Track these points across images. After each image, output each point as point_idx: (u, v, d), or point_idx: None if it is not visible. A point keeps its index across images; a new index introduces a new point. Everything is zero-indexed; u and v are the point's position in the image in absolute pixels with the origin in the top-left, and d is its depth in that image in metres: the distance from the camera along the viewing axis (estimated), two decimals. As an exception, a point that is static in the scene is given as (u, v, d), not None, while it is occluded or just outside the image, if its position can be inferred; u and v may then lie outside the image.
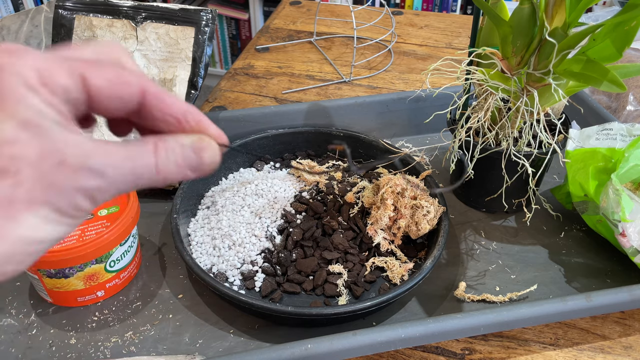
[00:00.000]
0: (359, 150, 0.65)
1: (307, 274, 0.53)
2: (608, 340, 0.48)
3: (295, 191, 0.60)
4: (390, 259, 0.53)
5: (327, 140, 0.66)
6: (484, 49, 0.50)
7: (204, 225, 0.57)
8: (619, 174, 0.49)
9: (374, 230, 0.53)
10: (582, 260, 0.54)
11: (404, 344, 0.43)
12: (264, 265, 0.53)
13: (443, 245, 0.51)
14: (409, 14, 1.10)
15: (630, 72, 0.46)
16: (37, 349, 0.46)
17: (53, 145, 0.22)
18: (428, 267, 0.48)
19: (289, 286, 0.52)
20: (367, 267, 0.53)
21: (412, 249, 0.54)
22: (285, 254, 0.53)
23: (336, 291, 0.51)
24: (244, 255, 0.53)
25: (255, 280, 0.52)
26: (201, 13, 0.63)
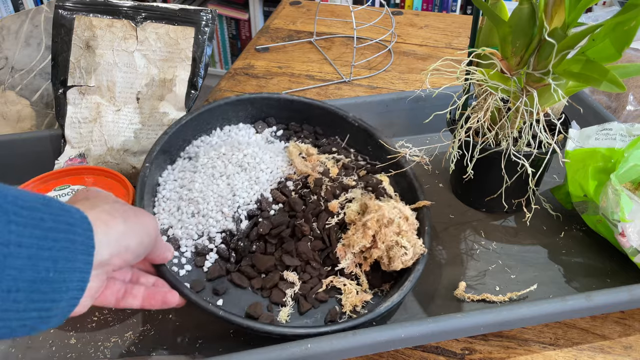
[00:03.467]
0: (367, 148, 0.61)
1: (260, 272, 0.50)
2: (608, 340, 0.48)
3: (282, 177, 0.56)
4: (350, 283, 0.50)
5: (339, 123, 0.61)
6: (484, 49, 0.50)
7: (177, 178, 0.53)
8: (619, 174, 0.49)
9: (344, 250, 0.50)
10: (582, 260, 0.54)
11: (404, 344, 0.43)
12: (220, 247, 0.50)
13: (408, 290, 0.47)
14: (408, 14, 1.10)
15: (629, 72, 0.47)
16: (37, 349, 0.46)
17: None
18: (380, 311, 0.45)
19: (238, 278, 0.49)
20: (324, 284, 0.49)
21: (378, 278, 0.51)
22: (245, 243, 0.50)
23: (282, 300, 0.48)
24: (204, 229, 0.50)
25: (206, 259, 0.49)
26: (201, 13, 0.63)
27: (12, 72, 0.70)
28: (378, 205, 0.50)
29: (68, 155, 0.61)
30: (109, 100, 0.62)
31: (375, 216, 0.49)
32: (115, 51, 0.62)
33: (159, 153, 0.52)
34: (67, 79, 0.62)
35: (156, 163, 0.52)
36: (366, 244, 0.49)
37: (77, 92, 0.62)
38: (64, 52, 0.62)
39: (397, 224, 0.49)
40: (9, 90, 0.70)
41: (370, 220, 0.49)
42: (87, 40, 0.62)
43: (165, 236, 0.49)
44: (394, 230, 0.49)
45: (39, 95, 0.70)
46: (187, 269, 0.48)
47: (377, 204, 0.51)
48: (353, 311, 0.48)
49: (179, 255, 0.49)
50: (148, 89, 0.63)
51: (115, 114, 0.62)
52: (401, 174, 0.57)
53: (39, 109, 0.70)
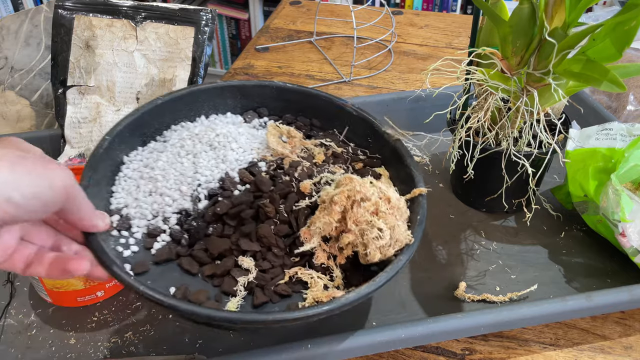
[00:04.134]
0: (367, 139, 0.55)
1: (214, 257, 0.44)
2: (608, 341, 0.48)
3: (255, 158, 0.51)
4: (320, 276, 0.43)
5: (337, 114, 0.56)
6: (484, 49, 0.50)
7: (143, 158, 0.50)
8: (619, 174, 0.49)
9: (308, 233, 0.43)
10: (582, 260, 0.54)
11: (404, 344, 0.43)
12: (174, 228, 0.45)
13: (382, 281, 0.40)
14: (409, 14, 1.10)
15: (630, 72, 0.46)
16: (37, 349, 0.46)
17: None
18: (342, 302, 0.38)
19: (188, 263, 0.43)
20: (287, 275, 0.43)
21: (357, 275, 0.44)
22: (200, 224, 0.45)
23: (233, 289, 0.42)
24: (159, 208, 0.46)
25: (156, 241, 0.44)
26: (201, 13, 0.63)
27: (11, 72, 0.70)
28: (349, 178, 0.43)
29: (68, 155, 0.61)
30: (109, 100, 0.62)
31: (344, 190, 0.42)
32: (115, 51, 0.62)
33: (125, 130, 0.48)
34: (67, 78, 0.62)
35: (122, 140, 0.48)
36: (331, 221, 0.42)
37: (76, 92, 0.62)
38: (63, 51, 0.62)
39: (374, 203, 0.42)
40: (9, 90, 0.70)
41: (339, 194, 0.42)
42: (87, 40, 0.62)
43: (117, 215, 0.45)
44: (368, 209, 0.42)
45: (38, 95, 0.70)
46: (134, 249, 0.44)
47: (349, 176, 0.44)
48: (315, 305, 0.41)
49: (127, 235, 0.44)
50: (148, 89, 0.63)
51: (115, 114, 0.62)
52: (400, 164, 0.51)
53: (39, 109, 0.70)
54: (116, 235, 0.44)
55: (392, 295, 0.50)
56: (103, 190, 0.46)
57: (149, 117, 0.50)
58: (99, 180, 0.45)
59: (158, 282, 0.42)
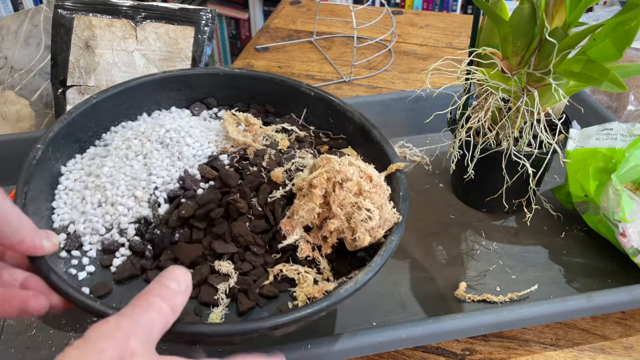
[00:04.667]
0: (329, 120, 0.51)
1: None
2: (609, 341, 0.48)
3: (215, 151, 0.46)
4: (307, 270, 0.40)
5: (292, 96, 0.52)
6: (484, 49, 0.50)
7: (84, 166, 0.45)
8: (619, 174, 0.49)
9: (290, 225, 0.40)
10: (583, 260, 0.54)
11: (404, 344, 0.43)
12: (133, 239, 0.40)
13: (379, 265, 0.37)
14: (409, 14, 1.10)
15: (630, 72, 0.46)
16: (37, 349, 0.46)
17: None
18: (341, 294, 0.35)
19: (155, 275, 0.39)
20: (271, 274, 0.40)
21: (345, 263, 0.41)
22: (164, 232, 0.40)
23: (213, 299, 0.38)
24: (113, 220, 0.41)
25: (115, 257, 0.40)
26: (201, 13, 0.63)
27: (11, 71, 0.70)
28: (326, 159, 0.40)
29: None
30: (109, 100, 0.62)
31: (323, 171, 0.39)
32: (115, 51, 0.62)
33: (58, 136, 0.43)
34: (67, 78, 0.62)
35: (56, 147, 0.43)
36: (314, 207, 0.39)
37: (76, 92, 0.62)
38: (63, 51, 0.62)
39: (357, 183, 0.39)
40: (9, 90, 0.70)
41: (318, 177, 0.39)
42: (87, 39, 0.62)
43: (64, 233, 0.40)
44: (351, 189, 0.39)
45: (38, 95, 0.70)
46: (90, 270, 0.38)
47: (326, 156, 0.41)
48: (309, 303, 0.38)
49: (79, 254, 0.39)
50: (148, 89, 0.63)
51: (115, 114, 0.62)
52: (369, 141, 0.48)
53: (39, 108, 0.70)
54: (66, 257, 0.39)
55: (392, 296, 0.50)
56: (42, 207, 0.41)
57: (84, 119, 0.46)
58: (35, 196, 0.40)
59: (124, 304, 0.36)
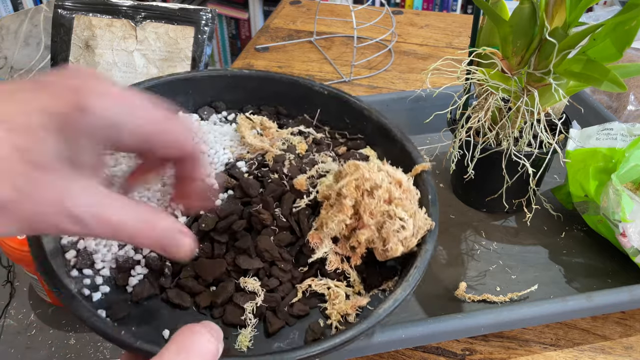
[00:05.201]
0: (344, 119, 0.49)
1: (208, 283, 0.37)
2: (609, 341, 0.48)
3: (231, 158, 0.44)
4: (337, 284, 0.38)
5: (305, 96, 0.49)
6: (484, 49, 0.50)
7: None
8: (620, 174, 0.49)
9: (318, 237, 0.38)
10: (583, 260, 0.54)
11: (404, 344, 0.43)
12: (150, 256, 0.37)
13: (417, 279, 0.36)
14: (409, 14, 1.10)
15: (630, 72, 0.46)
16: (37, 349, 0.46)
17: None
18: (380, 314, 0.34)
19: (176, 295, 0.36)
20: (299, 290, 0.37)
21: (375, 274, 0.39)
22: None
23: (240, 319, 0.36)
24: None
25: (131, 275, 0.37)
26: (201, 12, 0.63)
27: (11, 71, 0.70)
28: (355, 165, 0.38)
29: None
30: (109, 100, 0.62)
31: (351, 180, 0.37)
32: (115, 51, 0.62)
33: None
34: (67, 78, 0.62)
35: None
36: (345, 219, 0.37)
37: (76, 92, 0.62)
38: (63, 51, 0.62)
39: (387, 190, 0.37)
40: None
41: (347, 185, 0.37)
42: (87, 39, 0.62)
43: (73, 250, 0.37)
44: (382, 197, 0.37)
45: (38, 95, 0.70)
46: (104, 290, 0.36)
47: (354, 162, 0.39)
48: (343, 322, 0.36)
49: (91, 273, 0.37)
50: (148, 89, 0.63)
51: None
52: (389, 140, 0.46)
53: (39, 108, 0.70)
54: (77, 276, 0.36)
55: (392, 296, 0.50)
56: None
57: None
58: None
59: (144, 327, 0.35)
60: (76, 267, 0.36)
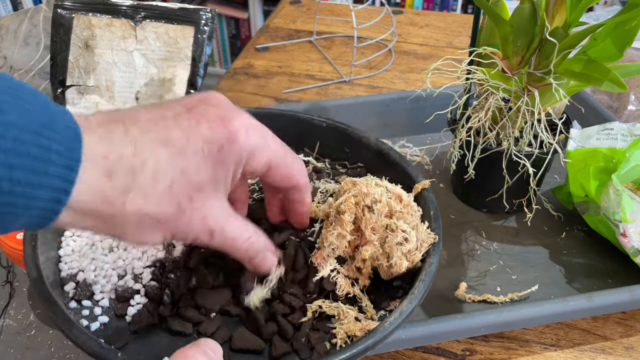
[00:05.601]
0: (344, 149, 0.50)
1: (208, 310, 0.37)
2: (609, 341, 0.48)
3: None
4: (349, 308, 0.37)
5: (304, 130, 0.50)
6: (485, 49, 0.50)
7: None
8: (620, 174, 0.49)
9: (322, 257, 0.38)
10: (583, 260, 0.54)
11: (405, 345, 0.43)
12: (149, 285, 0.38)
13: (422, 292, 0.36)
14: (409, 13, 1.09)
15: (631, 72, 0.46)
16: (36, 349, 0.46)
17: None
18: (386, 328, 0.34)
19: (178, 324, 0.36)
20: (310, 310, 0.37)
21: (383, 296, 0.39)
22: (180, 275, 0.38)
23: (250, 344, 0.36)
24: (126, 265, 0.39)
25: (130, 305, 0.37)
26: (200, 12, 0.63)
27: (10, 71, 0.70)
28: (352, 182, 0.39)
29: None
30: (108, 100, 0.62)
31: (350, 196, 0.37)
32: (114, 50, 0.62)
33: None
34: (66, 78, 0.62)
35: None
36: (344, 232, 0.37)
37: (75, 92, 0.62)
38: (62, 51, 0.62)
39: (386, 204, 0.38)
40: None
41: (345, 202, 0.37)
42: (86, 39, 0.62)
43: (73, 282, 0.38)
44: (382, 211, 0.37)
45: (38, 94, 0.70)
46: (103, 321, 0.36)
47: (351, 179, 0.39)
48: (348, 343, 0.36)
49: (91, 305, 0.37)
50: (147, 89, 0.62)
51: (115, 114, 0.62)
52: (389, 165, 0.47)
53: (38, 108, 0.70)
54: (76, 307, 0.37)
55: (392, 296, 0.50)
56: (50, 253, 0.38)
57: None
58: (44, 241, 0.38)
59: (143, 355, 0.35)
60: (75, 299, 0.37)
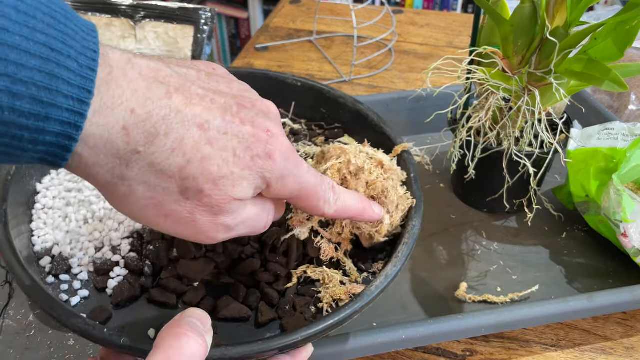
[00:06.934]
0: (320, 110, 0.49)
1: (191, 280, 0.37)
2: (610, 341, 0.48)
3: None
4: (334, 272, 0.38)
5: (279, 90, 0.49)
6: (485, 48, 0.50)
7: (62, 182, 0.41)
8: (621, 174, 0.49)
9: (298, 221, 0.38)
10: (584, 260, 0.54)
11: (405, 345, 0.43)
12: (129, 256, 0.37)
13: (406, 255, 0.36)
14: (409, 13, 1.09)
15: (631, 72, 0.46)
16: (36, 349, 0.46)
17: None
18: (372, 292, 0.33)
19: (160, 295, 0.36)
20: (295, 276, 0.38)
21: (365, 257, 0.40)
22: (161, 246, 0.37)
23: (237, 313, 0.36)
24: (103, 237, 0.38)
25: (110, 278, 0.37)
26: (200, 12, 0.62)
27: (10, 71, 0.70)
28: (340, 149, 0.38)
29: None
30: (108, 100, 0.62)
31: (335, 164, 0.37)
32: (114, 50, 0.62)
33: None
34: (66, 78, 0.62)
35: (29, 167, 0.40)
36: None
37: (75, 92, 0.62)
38: (62, 51, 0.62)
39: (369, 171, 0.38)
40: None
41: (330, 169, 0.37)
42: (86, 39, 0.62)
43: (49, 257, 0.37)
44: (366, 178, 0.37)
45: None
46: (83, 295, 0.36)
47: (339, 146, 0.39)
48: (335, 307, 0.37)
49: (69, 279, 0.36)
50: (147, 89, 0.62)
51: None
52: (368, 126, 0.46)
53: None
54: (54, 282, 0.36)
55: (392, 296, 0.50)
56: (22, 228, 0.37)
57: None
58: (15, 215, 0.36)
59: (128, 328, 0.34)
60: (52, 274, 0.36)
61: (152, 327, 0.34)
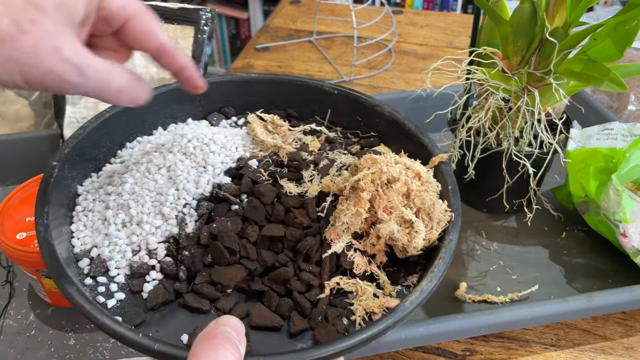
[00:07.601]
0: (356, 118, 0.49)
1: (224, 286, 0.36)
2: (609, 341, 0.48)
3: (243, 156, 0.44)
4: (367, 284, 0.37)
5: (315, 98, 0.49)
6: (485, 49, 0.50)
7: (102, 185, 0.41)
8: (620, 174, 0.49)
9: (335, 233, 0.37)
10: (583, 260, 0.54)
11: (405, 345, 0.43)
12: (164, 261, 0.37)
13: (442, 270, 0.35)
14: (409, 13, 1.09)
15: (631, 72, 0.46)
16: (36, 349, 0.46)
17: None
18: (407, 307, 0.33)
19: (194, 300, 0.36)
20: (327, 288, 0.36)
21: (399, 270, 0.39)
22: (195, 251, 0.37)
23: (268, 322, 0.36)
24: (140, 241, 0.38)
25: (146, 281, 0.37)
26: (200, 12, 0.62)
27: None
28: (372, 159, 0.38)
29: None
30: (108, 100, 0.62)
31: (367, 174, 0.37)
32: (115, 50, 0.62)
33: (74, 152, 0.40)
34: (66, 78, 0.62)
35: (72, 165, 0.40)
36: (361, 212, 0.36)
37: (76, 92, 0.62)
38: (63, 51, 0.62)
39: (405, 183, 0.37)
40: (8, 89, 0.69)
41: (363, 179, 0.36)
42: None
43: (87, 259, 0.37)
44: (399, 191, 0.37)
45: (37, 94, 0.70)
46: (119, 297, 0.36)
47: (371, 156, 0.38)
48: (367, 320, 0.36)
49: (106, 281, 0.36)
50: (147, 89, 0.62)
51: (115, 114, 0.62)
52: (404, 135, 0.45)
53: (38, 108, 0.70)
54: (91, 284, 0.36)
55: (392, 296, 0.50)
56: (62, 229, 0.38)
57: (98, 135, 0.43)
58: (56, 217, 0.37)
59: (162, 333, 0.35)
60: (90, 275, 0.36)
61: (185, 333, 0.34)
